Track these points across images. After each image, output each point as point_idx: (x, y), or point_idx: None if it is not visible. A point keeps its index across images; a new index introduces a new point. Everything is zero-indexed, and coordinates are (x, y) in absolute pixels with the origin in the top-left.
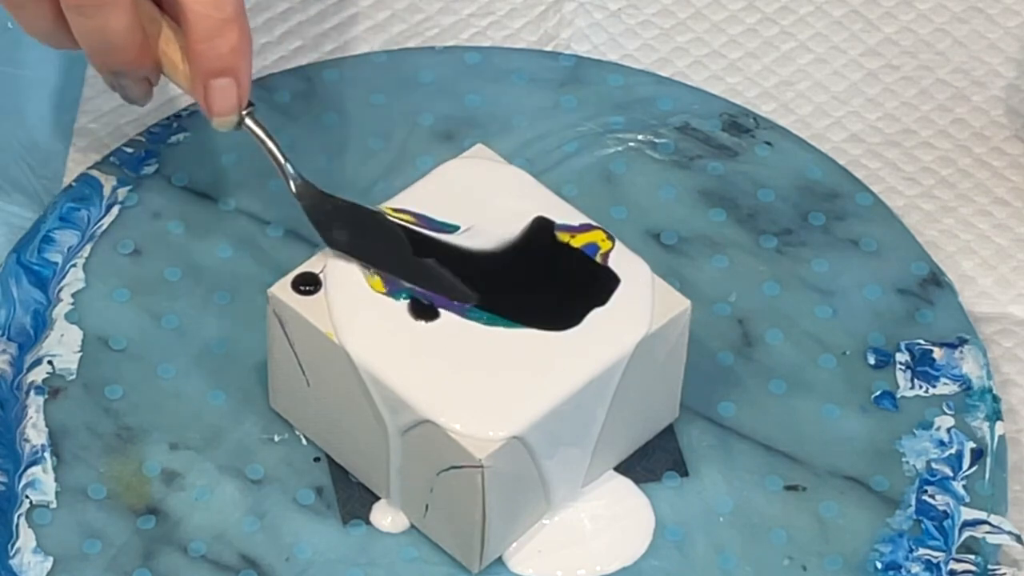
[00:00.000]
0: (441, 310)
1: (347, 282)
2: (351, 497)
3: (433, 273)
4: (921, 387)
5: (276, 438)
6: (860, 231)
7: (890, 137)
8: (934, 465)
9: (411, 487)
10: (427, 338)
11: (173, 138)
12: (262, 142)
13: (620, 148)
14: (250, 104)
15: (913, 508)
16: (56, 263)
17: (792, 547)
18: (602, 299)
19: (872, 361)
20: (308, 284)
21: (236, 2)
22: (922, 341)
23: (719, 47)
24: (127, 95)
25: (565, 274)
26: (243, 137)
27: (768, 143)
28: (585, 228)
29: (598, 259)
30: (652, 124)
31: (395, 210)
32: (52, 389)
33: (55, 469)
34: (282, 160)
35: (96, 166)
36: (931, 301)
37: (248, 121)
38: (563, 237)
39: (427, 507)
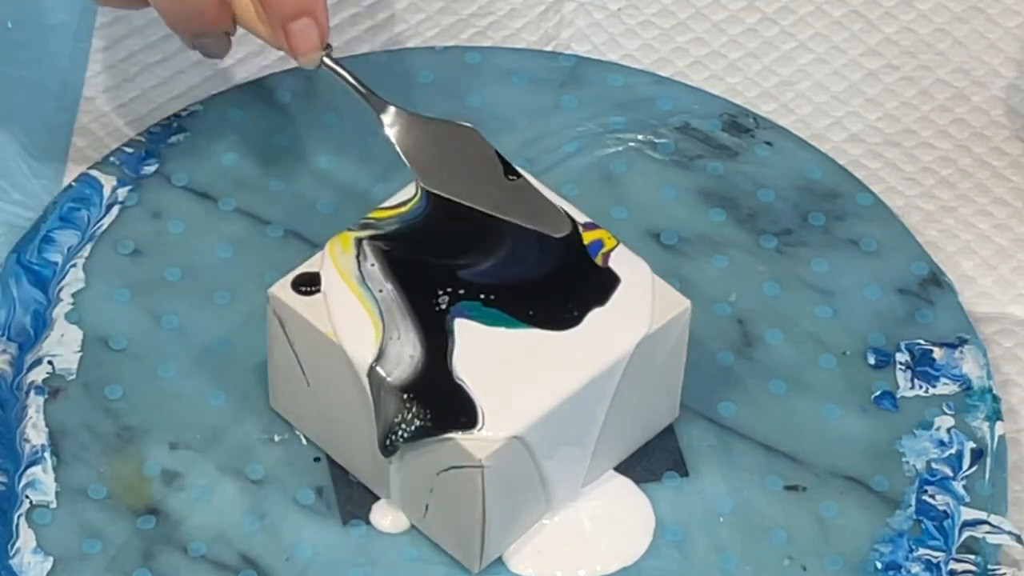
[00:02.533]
0: (447, 315)
1: (346, 282)
2: (351, 497)
3: (523, 201)
4: (921, 387)
5: (276, 438)
6: (860, 231)
7: (890, 137)
8: (934, 465)
9: (411, 487)
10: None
11: (173, 138)
12: (343, 79)
13: (620, 148)
14: (327, 46)
15: (913, 508)
16: (56, 263)
17: (792, 547)
18: (602, 299)
19: (872, 361)
20: (308, 284)
21: None
22: (922, 341)
23: (719, 47)
24: (208, 53)
25: (565, 274)
26: (243, 137)
27: (768, 143)
28: (589, 227)
29: (599, 259)
30: (652, 124)
31: (387, 208)
32: (52, 389)
33: (55, 469)
34: (366, 93)
35: (96, 166)
36: (931, 301)
37: (326, 60)
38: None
39: (427, 507)
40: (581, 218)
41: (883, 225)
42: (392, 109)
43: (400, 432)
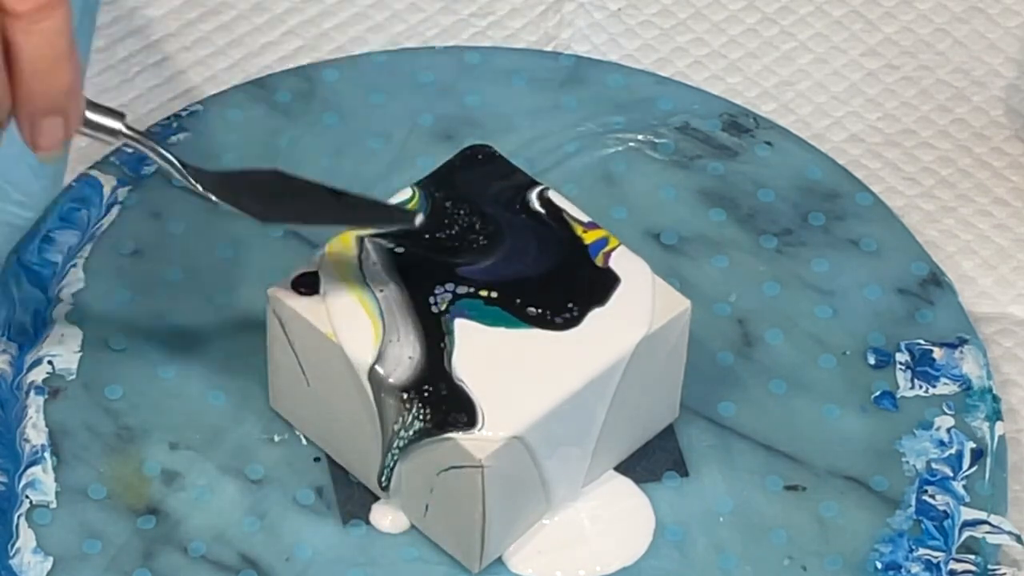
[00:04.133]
0: (442, 311)
1: (346, 282)
2: (351, 497)
3: (365, 206)
4: (921, 387)
5: (276, 438)
6: (860, 231)
7: (890, 137)
8: (934, 465)
9: (411, 487)
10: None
11: (173, 138)
12: (146, 146)
13: (620, 148)
14: (121, 114)
15: (913, 508)
16: (56, 263)
17: (792, 547)
18: (602, 299)
19: (872, 361)
20: (308, 284)
21: (68, 34)
22: (922, 341)
23: (719, 47)
24: None
25: (565, 274)
26: (243, 137)
27: (768, 143)
28: (590, 227)
29: (599, 259)
30: (652, 124)
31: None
32: (52, 389)
33: (55, 469)
34: (170, 157)
35: (96, 166)
36: (931, 301)
37: (127, 131)
38: (578, 230)
39: (427, 507)
40: (583, 218)
41: (883, 225)
42: (195, 171)
43: (399, 442)
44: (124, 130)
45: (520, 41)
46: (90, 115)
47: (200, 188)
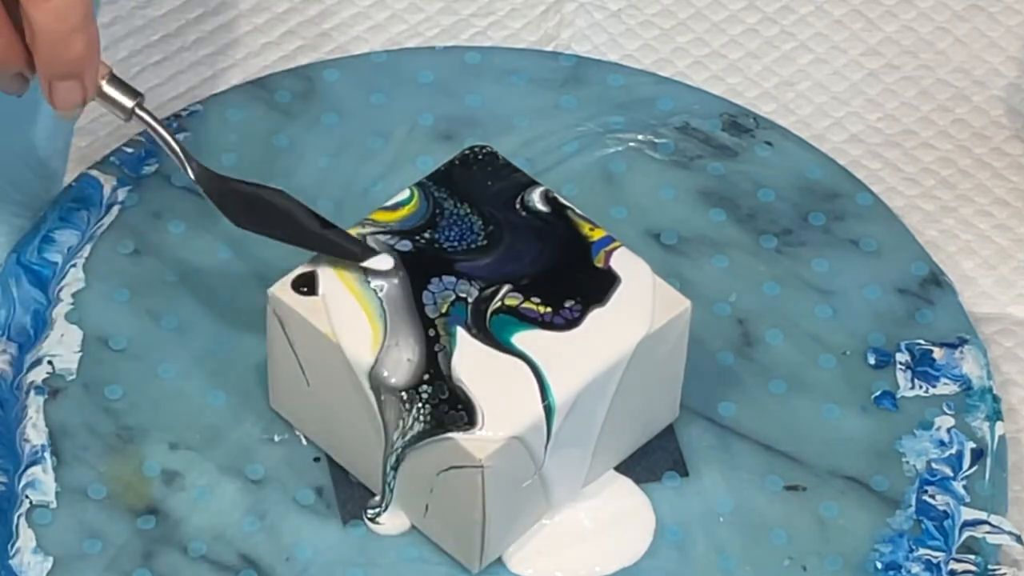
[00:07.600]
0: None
1: (345, 282)
2: (351, 497)
3: (338, 240)
4: (921, 387)
5: (276, 438)
6: (860, 231)
7: (890, 138)
8: (934, 465)
9: (411, 487)
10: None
11: None
12: (154, 130)
13: (620, 148)
14: (139, 94)
15: (913, 508)
16: (56, 263)
17: (792, 547)
18: (602, 299)
19: (872, 361)
20: (308, 284)
21: (82, 9)
22: (922, 341)
23: (719, 47)
24: (4, 88)
25: (565, 274)
26: (243, 137)
27: (768, 143)
28: (595, 226)
29: (600, 258)
30: (652, 124)
31: (385, 209)
32: (52, 389)
33: (55, 469)
34: (176, 147)
35: (96, 166)
36: (931, 301)
37: (139, 111)
38: (584, 228)
39: (427, 507)
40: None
41: (883, 225)
42: (199, 167)
43: (398, 451)
44: (135, 110)
45: (520, 41)
46: (106, 88)
47: (192, 177)
